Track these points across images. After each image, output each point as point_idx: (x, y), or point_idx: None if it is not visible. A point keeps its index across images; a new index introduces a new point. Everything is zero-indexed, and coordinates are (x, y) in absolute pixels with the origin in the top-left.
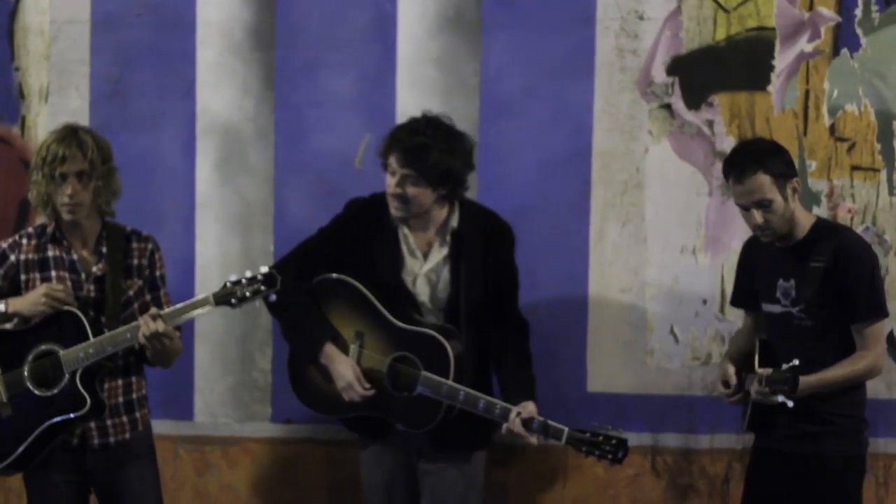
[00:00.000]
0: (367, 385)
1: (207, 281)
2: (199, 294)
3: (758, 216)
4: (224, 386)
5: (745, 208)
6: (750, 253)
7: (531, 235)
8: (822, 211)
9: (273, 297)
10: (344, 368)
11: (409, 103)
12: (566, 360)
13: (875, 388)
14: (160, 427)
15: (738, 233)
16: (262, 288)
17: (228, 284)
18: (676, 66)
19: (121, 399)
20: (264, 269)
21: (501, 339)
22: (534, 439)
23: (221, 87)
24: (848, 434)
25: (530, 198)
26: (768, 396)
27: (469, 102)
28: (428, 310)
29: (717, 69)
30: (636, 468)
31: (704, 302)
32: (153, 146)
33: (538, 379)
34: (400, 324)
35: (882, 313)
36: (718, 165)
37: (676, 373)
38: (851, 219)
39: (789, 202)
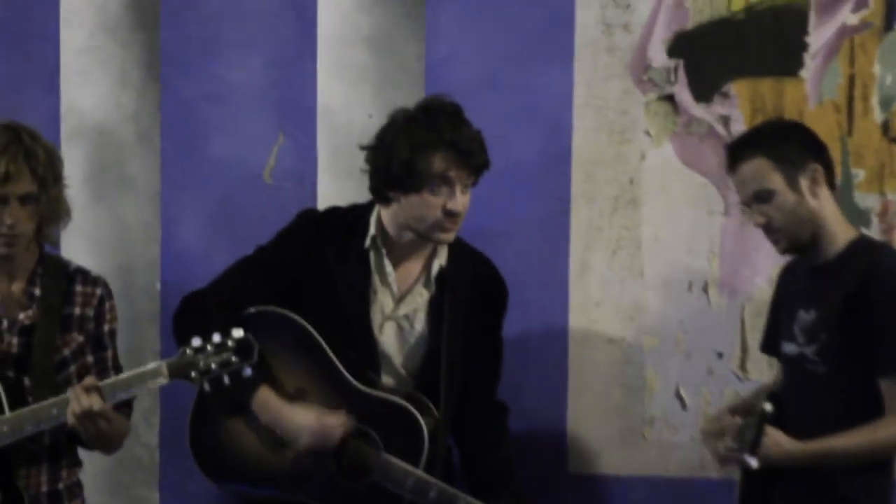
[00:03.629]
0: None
1: None
2: (150, 363)
3: (757, 214)
4: (100, 465)
5: (747, 205)
6: (783, 280)
7: None
8: (872, 233)
9: (248, 372)
10: (299, 412)
11: (333, 96)
12: (541, 432)
13: None
14: None
15: (764, 264)
16: (234, 359)
17: (189, 352)
18: (681, 46)
19: (44, 489)
20: (238, 333)
21: (476, 423)
22: None
23: (93, 78)
24: None
25: (492, 218)
26: (736, 455)
27: (411, 94)
28: (392, 368)
29: (734, 49)
30: None
31: (720, 355)
32: None
33: None
34: (358, 385)
35: None
36: None
37: (684, 448)
38: None
39: (805, 197)
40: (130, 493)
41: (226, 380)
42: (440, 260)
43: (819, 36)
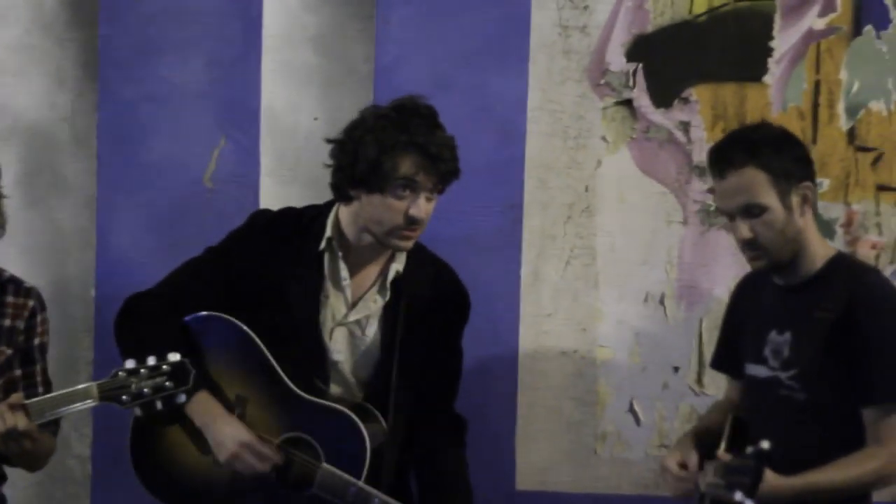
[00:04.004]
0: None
1: None
2: (80, 384)
3: (744, 228)
4: (29, 479)
5: (731, 217)
6: (741, 295)
7: None
8: (836, 245)
9: (182, 399)
10: (230, 425)
11: (277, 97)
12: (488, 447)
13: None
14: None
15: (724, 275)
16: (168, 384)
17: (121, 374)
18: (640, 49)
19: None
20: (174, 357)
21: (431, 437)
22: None
23: (27, 77)
24: None
25: (440, 225)
26: (723, 492)
27: (359, 97)
28: (341, 376)
29: (695, 53)
30: None
31: (676, 370)
32: None
33: None
34: (300, 393)
35: None
36: (695, 183)
37: (638, 465)
38: (877, 257)
39: (794, 216)
40: None
41: (158, 405)
42: (397, 265)
43: (784, 40)
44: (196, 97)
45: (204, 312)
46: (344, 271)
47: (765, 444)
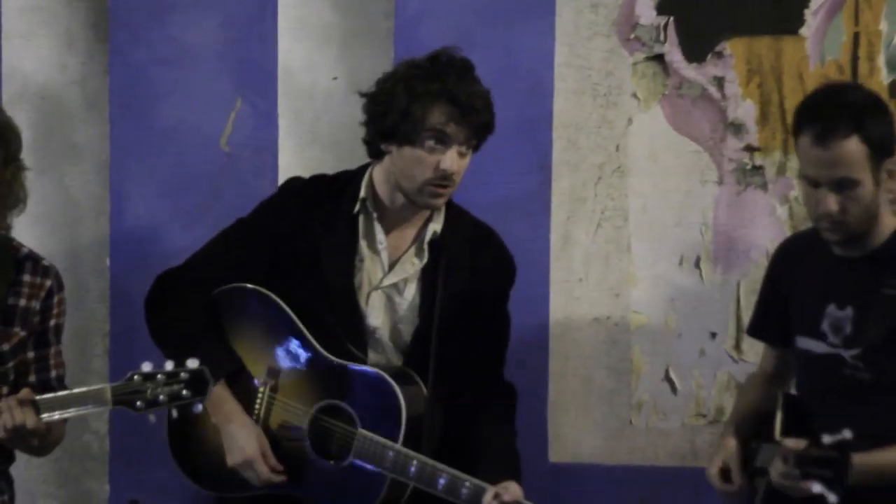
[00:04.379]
0: (278, 464)
1: None
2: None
3: (832, 201)
4: (47, 456)
5: (815, 184)
6: (786, 260)
7: None
8: None
9: (199, 408)
10: (242, 433)
11: (295, 57)
12: (519, 419)
13: None
14: None
15: (761, 237)
16: (185, 392)
17: (137, 378)
18: (671, 1)
19: None
20: (193, 364)
21: (479, 406)
22: None
23: (36, 40)
24: None
25: (466, 189)
26: (797, 483)
27: (379, 55)
28: (380, 343)
29: (728, 5)
30: None
31: (713, 336)
32: None
33: None
34: (332, 358)
35: None
36: (731, 141)
37: (674, 435)
38: None
39: (880, 190)
40: (79, 485)
41: (174, 413)
42: (435, 226)
43: None
44: (210, 58)
45: (233, 285)
46: (380, 233)
47: (847, 434)
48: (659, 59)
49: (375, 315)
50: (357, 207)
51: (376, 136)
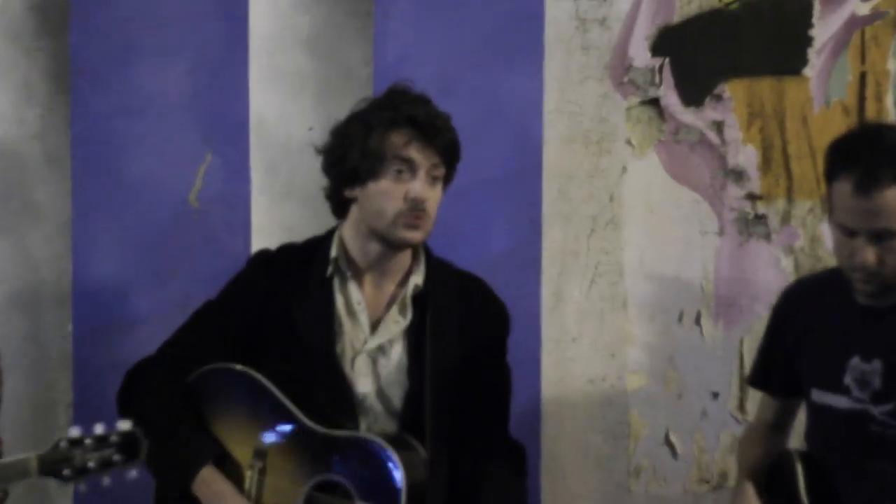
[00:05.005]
0: None
1: None
2: (18, 453)
3: (869, 253)
4: None
5: (851, 234)
6: (794, 307)
7: None
8: None
9: (133, 474)
10: None
11: (268, 107)
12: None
13: None
14: None
15: (765, 290)
16: (116, 457)
17: (63, 444)
18: (666, 42)
19: None
20: (124, 426)
21: (483, 466)
22: None
23: None
24: None
25: (451, 243)
26: None
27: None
28: (372, 411)
29: (727, 45)
30: None
31: (715, 396)
32: None
33: None
34: (321, 430)
35: None
36: (731, 189)
37: (676, 502)
38: None
39: None
40: None
41: (106, 481)
42: (416, 279)
43: (825, 28)
44: (178, 109)
45: (210, 366)
46: (356, 292)
47: None
48: (654, 103)
49: (363, 382)
50: (330, 270)
51: (339, 184)
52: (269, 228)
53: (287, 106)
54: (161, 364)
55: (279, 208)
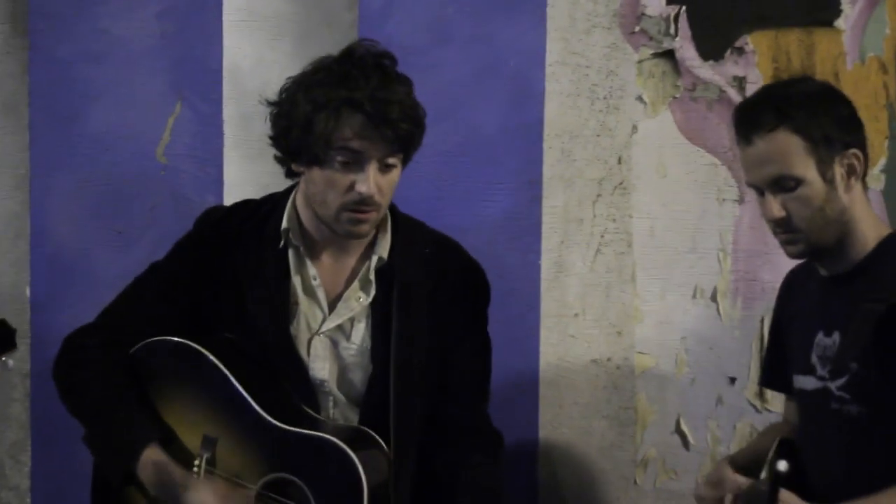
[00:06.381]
0: None
1: None
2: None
3: (774, 205)
4: None
5: (759, 191)
6: (787, 294)
7: None
8: None
9: (11, 364)
10: (194, 489)
11: (243, 53)
12: (505, 477)
13: None
14: None
15: (788, 264)
16: None
17: None
18: None
19: None
20: None
21: (458, 460)
22: None
23: None
24: None
25: (442, 210)
26: None
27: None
28: (331, 398)
29: None
30: None
31: (732, 381)
32: None
33: None
34: (278, 424)
35: None
36: None
37: (686, 497)
38: None
39: (838, 191)
40: None
41: None
42: (380, 251)
43: None
44: (145, 55)
45: (155, 339)
46: (312, 269)
47: (781, 466)
48: (669, 55)
49: (320, 366)
50: (282, 242)
51: (284, 154)
52: (242, 186)
53: (263, 53)
54: (100, 333)
55: (254, 166)
